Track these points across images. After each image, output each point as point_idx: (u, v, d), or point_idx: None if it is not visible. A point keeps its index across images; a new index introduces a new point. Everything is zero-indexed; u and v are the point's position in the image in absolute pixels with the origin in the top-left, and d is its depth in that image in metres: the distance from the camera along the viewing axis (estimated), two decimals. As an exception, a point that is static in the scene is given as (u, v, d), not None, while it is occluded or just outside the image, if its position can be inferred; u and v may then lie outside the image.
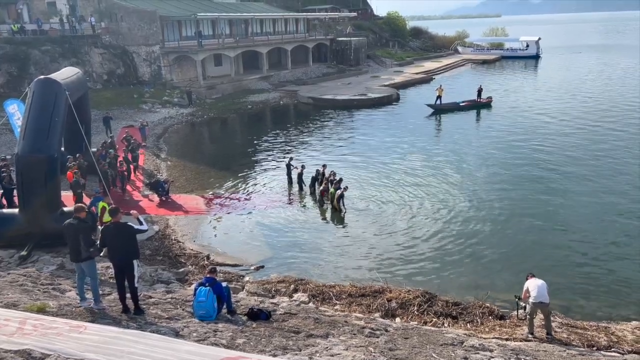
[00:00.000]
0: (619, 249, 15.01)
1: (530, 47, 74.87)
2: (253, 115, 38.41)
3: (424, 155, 25.37)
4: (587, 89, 44.31)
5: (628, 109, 34.91)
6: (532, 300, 9.71)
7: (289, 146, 28.47)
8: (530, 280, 10.07)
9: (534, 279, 10.06)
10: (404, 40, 77.71)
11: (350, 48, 58.59)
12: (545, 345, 9.17)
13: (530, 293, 9.78)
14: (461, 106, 36.83)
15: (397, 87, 47.41)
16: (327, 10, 71.33)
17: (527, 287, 9.94)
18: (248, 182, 22.20)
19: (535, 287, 9.79)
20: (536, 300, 9.65)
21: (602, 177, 21.27)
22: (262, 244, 16.09)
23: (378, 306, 11.22)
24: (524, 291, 9.99)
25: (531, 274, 10.35)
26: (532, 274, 10.34)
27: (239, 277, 13.30)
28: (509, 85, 48.66)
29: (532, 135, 28.74)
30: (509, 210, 18.08)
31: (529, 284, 9.97)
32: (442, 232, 16.43)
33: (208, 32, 45.88)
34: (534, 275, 10.24)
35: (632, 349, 9.49)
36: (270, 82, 47.75)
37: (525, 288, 9.98)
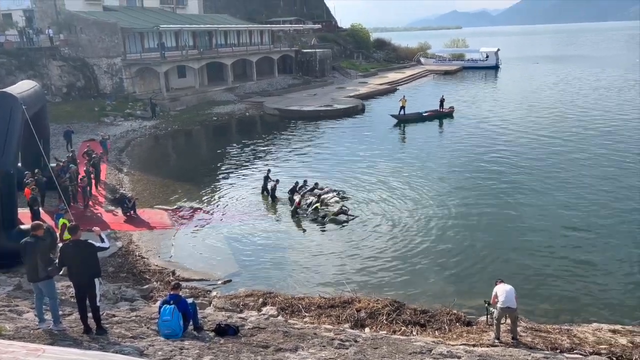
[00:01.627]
0: (578, 254, 15.47)
1: (490, 58, 77.03)
2: (218, 127, 38.09)
3: (390, 166, 25.64)
4: (544, 98, 45.84)
5: (583, 117, 36.25)
6: (500, 305, 9.88)
7: (256, 158, 28.32)
8: (499, 285, 10.25)
9: (503, 284, 10.26)
10: (368, 51, 78.81)
11: (315, 59, 58.98)
12: (511, 350, 9.33)
13: (498, 298, 9.96)
14: (424, 116, 37.49)
15: (362, 98, 47.90)
16: (292, 22, 71.76)
17: (495, 293, 10.11)
18: (215, 195, 21.94)
19: (503, 292, 9.97)
20: (504, 305, 9.82)
21: (561, 185, 21.93)
22: (230, 257, 15.89)
23: (347, 317, 11.20)
24: (492, 296, 10.17)
25: (500, 280, 10.54)
26: (501, 280, 10.54)
27: (205, 292, 13.06)
28: (470, 95, 49.88)
29: (494, 144, 29.46)
30: (473, 218, 18.43)
31: (498, 289, 10.15)
32: (409, 241, 16.60)
33: (171, 44, 45.39)
34: (503, 281, 10.44)
35: (594, 350, 9.76)
36: (235, 93, 47.51)
37: (494, 293, 10.16)
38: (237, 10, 71.59)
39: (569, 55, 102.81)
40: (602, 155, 25.92)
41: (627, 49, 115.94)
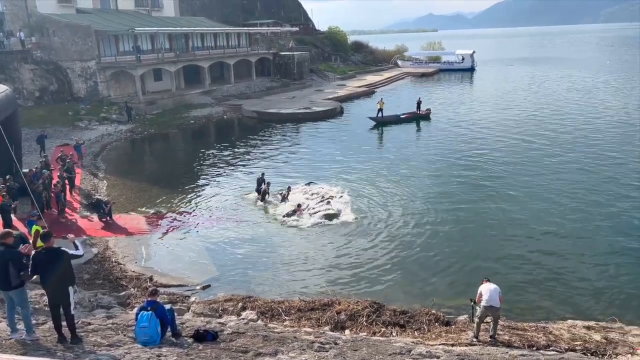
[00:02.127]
0: (552, 254, 15.73)
1: (465, 60, 78.13)
2: (196, 131, 37.77)
3: (368, 167, 25.75)
4: (519, 101, 46.65)
5: (557, 119, 37.00)
6: (483, 304, 10.05)
7: (234, 161, 28.14)
8: (484, 284, 10.41)
9: (488, 283, 10.41)
10: (346, 54, 79.15)
11: (293, 62, 58.96)
12: (489, 349, 9.45)
13: (482, 297, 10.12)
14: (402, 118, 37.81)
15: (340, 100, 48.05)
16: (269, 24, 71.66)
17: (480, 291, 10.28)
18: (193, 200, 21.71)
19: (487, 291, 10.14)
20: (487, 304, 9.99)
21: (535, 187, 22.29)
22: (209, 262, 15.74)
23: (327, 319, 11.20)
24: (477, 295, 10.32)
25: (486, 279, 10.70)
26: (487, 279, 10.70)
27: (184, 297, 12.92)
28: (447, 98, 50.48)
29: (470, 146, 29.83)
30: (450, 219, 18.60)
31: (482, 288, 10.31)
32: (388, 242, 16.68)
33: (147, 47, 44.85)
34: (489, 280, 10.60)
35: (569, 346, 9.96)
36: (212, 96, 47.17)
37: (479, 292, 10.32)
38: (214, 13, 71.16)
39: (542, 57, 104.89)
40: (574, 158, 26.48)
41: (598, 51, 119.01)
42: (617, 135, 30.68)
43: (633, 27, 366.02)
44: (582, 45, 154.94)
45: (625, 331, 10.95)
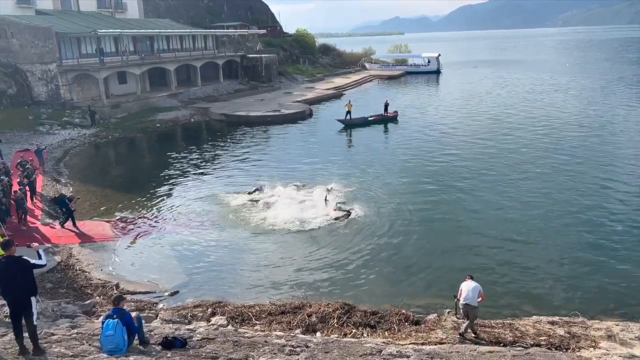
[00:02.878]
0: (517, 252, 16.12)
1: (431, 63, 79.40)
2: (162, 134, 37.16)
3: (337, 169, 25.83)
4: (483, 102, 47.70)
5: (519, 119, 37.98)
6: (461, 302, 10.30)
7: (202, 164, 27.80)
8: (466, 282, 10.62)
9: (470, 281, 10.61)
10: (314, 56, 79.32)
11: (261, 64, 58.73)
12: (457, 346, 9.61)
13: (462, 294, 10.33)
14: (369, 120, 38.14)
15: (309, 102, 48.13)
16: (236, 27, 71.17)
17: (461, 289, 10.51)
18: (160, 204, 21.34)
19: (467, 289, 10.38)
20: (464, 302, 10.26)
21: (501, 183, 22.86)
22: (177, 268, 15.48)
23: (298, 322, 11.18)
24: (459, 292, 10.55)
25: (469, 276, 10.87)
26: (471, 276, 10.87)
27: (152, 304, 12.67)
28: (414, 100, 51.19)
29: (436, 147, 30.31)
30: (418, 219, 18.84)
31: (463, 285, 10.54)
32: (357, 243, 16.76)
33: (110, 49, 43.92)
34: (472, 278, 10.78)
35: (534, 341, 10.23)
36: (179, 99, 46.53)
37: (460, 289, 10.54)
38: (180, 15, 70.25)
39: (504, 60, 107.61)
40: (537, 157, 27.22)
41: (556, 54, 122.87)
42: (577, 135, 31.69)
43: (587, 31, 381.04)
44: (541, 48, 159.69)
45: (587, 325, 11.31)
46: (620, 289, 13.51)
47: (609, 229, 17.42)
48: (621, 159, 26.12)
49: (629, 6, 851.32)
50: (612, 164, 25.14)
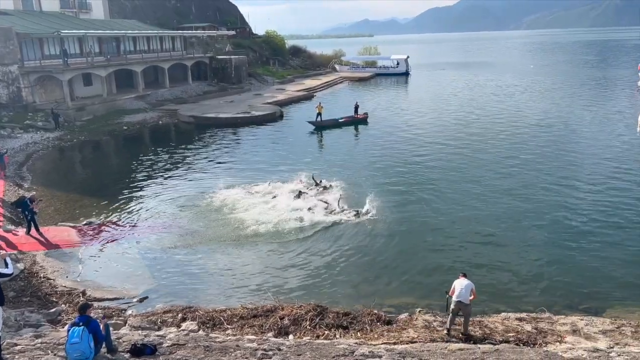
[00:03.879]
0: (485, 250, 16.41)
1: (400, 65, 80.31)
2: (130, 137, 36.45)
3: (309, 170, 25.78)
4: (451, 103, 48.51)
5: (487, 120, 38.76)
6: (454, 299, 10.42)
7: (171, 167, 27.37)
8: (459, 279, 10.74)
9: (463, 278, 10.72)
10: (284, 58, 79.23)
11: (231, 66, 58.29)
12: (428, 345, 9.72)
13: (454, 291, 10.46)
14: (340, 122, 38.29)
15: (280, 104, 48.03)
16: (205, 28, 70.46)
17: (454, 286, 10.63)
18: (128, 208, 20.89)
19: (459, 286, 10.50)
20: (457, 299, 10.38)
21: (468, 181, 23.25)
22: (146, 273, 15.19)
23: (271, 325, 11.11)
24: (451, 289, 10.65)
25: (463, 274, 10.98)
26: (464, 274, 10.98)
27: (120, 311, 12.38)
28: (383, 101, 51.64)
29: (407, 147, 30.66)
30: (388, 218, 18.94)
31: (456, 282, 10.66)
32: (328, 245, 16.79)
33: (75, 51, 42.84)
34: (465, 275, 10.90)
35: (503, 338, 10.44)
36: (147, 101, 45.73)
37: (452, 286, 10.66)
38: (147, 16, 69.10)
39: (471, 62, 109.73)
40: (502, 156, 27.81)
41: (521, 57, 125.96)
42: (541, 135, 32.51)
43: (550, 34, 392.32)
44: (507, 50, 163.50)
45: (553, 320, 11.61)
46: (585, 285, 13.91)
47: (573, 226, 17.91)
48: (583, 158, 26.91)
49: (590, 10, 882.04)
50: (574, 163, 25.88)
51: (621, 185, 22.08)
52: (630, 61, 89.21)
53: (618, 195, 20.79)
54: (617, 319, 11.79)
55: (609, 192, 21.25)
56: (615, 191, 21.36)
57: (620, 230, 17.38)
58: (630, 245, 16.18)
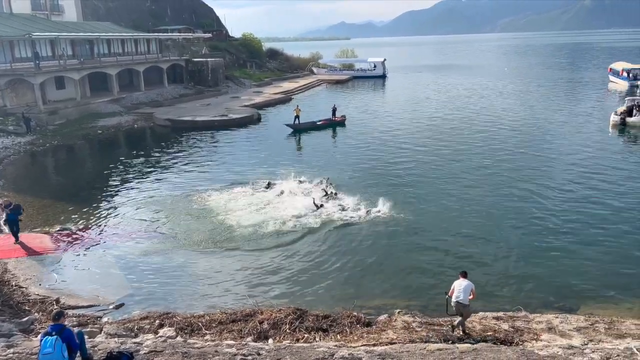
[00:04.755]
0: (462, 250, 16.59)
1: (377, 67, 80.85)
2: (104, 141, 35.84)
3: (287, 173, 25.71)
4: (429, 105, 49.04)
5: (463, 121, 39.28)
6: (453, 299, 10.53)
7: (147, 172, 27.00)
8: (458, 280, 10.81)
9: (462, 279, 10.78)
10: (261, 61, 78.99)
11: (207, 68, 57.85)
12: (408, 346, 9.76)
13: (454, 292, 10.55)
14: (318, 125, 38.33)
15: (257, 107, 47.86)
16: (180, 30, 69.82)
17: (453, 286, 10.71)
18: (103, 214, 20.52)
19: (459, 287, 10.59)
20: (456, 300, 10.49)
21: (444, 181, 23.50)
22: (122, 279, 14.93)
23: (250, 330, 11.03)
24: (451, 289, 10.73)
25: (462, 274, 11.00)
26: (464, 273, 10.98)
27: (95, 319, 12.14)
28: (361, 104, 51.89)
29: (384, 149, 30.86)
30: (365, 220, 18.97)
31: (455, 283, 10.74)
32: (306, 248, 16.76)
33: (47, 53, 41.98)
34: (465, 276, 10.92)
35: (481, 337, 10.55)
36: (122, 104, 45.04)
37: (452, 286, 10.73)
38: (121, 18, 68.12)
39: (447, 64, 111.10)
40: (480, 157, 28.23)
41: (495, 59, 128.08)
42: (518, 135, 33.09)
43: (524, 37, 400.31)
44: (482, 53, 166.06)
45: (529, 319, 11.79)
46: (559, 283, 14.17)
47: (548, 225, 18.23)
48: (556, 158, 27.47)
49: (562, 14, 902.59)
50: (548, 164, 26.37)
51: (595, 184, 22.60)
52: (600, 64, 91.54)
53: (592, 194, 21.29)
54: (591, 315, 12.05)
55: (583, 191, 21.74)
56: (589, 190, 21.86)
57: (593, 228, 17.78)
58: (603, 243, 16.56)
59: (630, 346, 9.53)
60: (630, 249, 16.09)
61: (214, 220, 19.12)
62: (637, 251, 15.91)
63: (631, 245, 16.35)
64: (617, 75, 61.17)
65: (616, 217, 18.68)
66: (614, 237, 16.95)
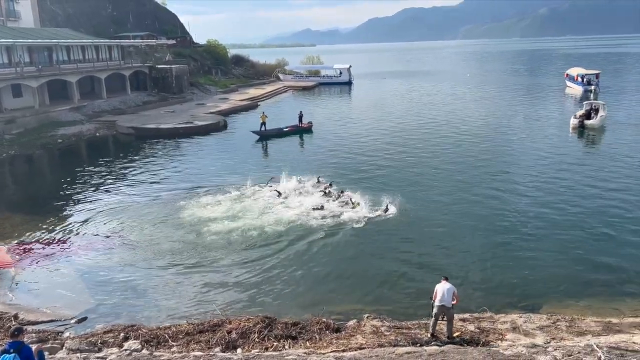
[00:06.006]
0: (425, 253, 16.82)
1: (343, 74, 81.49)
2: (65, 150, 34.83)
3: (254, 180, 25.56)
4: (394, 110, 49.68)
5: (429, 124, 39.94)
6: (436, 303, 10.57)
7: (110, 181, 26.34)
8: (441, 283, 10.87)
9: (445, 282, 10.87)
10: (227, 67, 78.46)
11: (171, 75, 57.07)
12: (377, 350, 9.81)
13: (437, 296, 10.59)
14: (285, 131, 38.30)
15: (223, 114, 47.47)
16: (143, 37, 68.66)
17: (435, 290, 10.75)
18: (64, 225, 19.88)
19: (441, 290, 10.64)
20: (439, 303, 10.53)
21: (410, 184, 23.79)
22: (84, 292, 14.50)
23: (218, 340, 10.86)
24: (433, 293, 10.77)
25: (444, 277, 11.12)
26: (446, 278, 11.12)
27: (56, 334, 11.73)
28: (327, 110, 52.16)
29: (350, 154, 31.04)
30: (331, 226, 18.96)
31: (438, 286, 10.79)
32: (272, 255, 16.63)
33: (2, 60, 40.55)
34: (447, 279, 11.05)
35: (448, 339, 10.69)
36: (83, 112, 43.88)
37: (434, 290, 10.78)
38: (81, 24, 66.46)
39: (411, 71, 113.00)
40: (444, 160, 28.74)
41: (457, 65, 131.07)
42: (481, 139, 33.84)
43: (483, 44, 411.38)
44: (444, 59, 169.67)
45: (494, 319, 12.04)
46: (523, 283, 14.53)
47: (510, 226, 18.68)
48: (519, 160, 28.27)
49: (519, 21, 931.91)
50: (510, 167, 27.07)
51: (557, 187, 23.24)
52: (556, 70, 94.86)
53: (554, 196, 21.88)
54: (553, 314, 12.39)
55: (546, 193, 22.35)
56: (551, 192, 22.49)
57: (555, 229, 18.31)
58: (564, 244, 17.06)
59: (590, 343, 9.84)
60: (589, 249, 16.63)
61: (179, 230, 18.81)
62: (596, 251, 16.46)
63: (590, 245, 16.92)
64: (572, 80, 63.55)
65: (576, 218, 19.28)
66: (575, 238, 17.48)
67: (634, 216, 19.24)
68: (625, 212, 19.63)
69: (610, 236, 17.54)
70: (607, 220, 18.82)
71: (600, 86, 56.72)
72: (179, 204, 21.60)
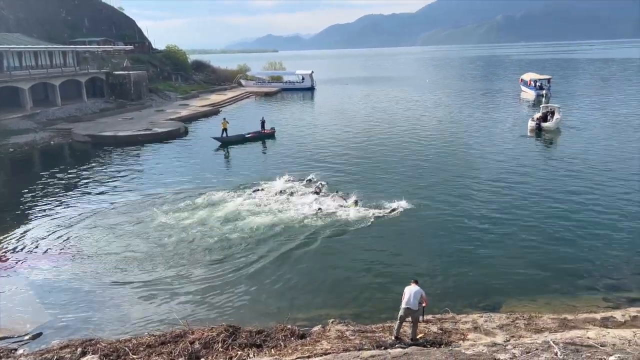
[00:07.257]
0: (385, 256, 17.00)
1: (305, 80, 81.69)
2: (17, 160, 33.49)
3: (214, 187, 25.26)
4: (357, 116, 50.14)
5: (392, 129, 40.48)
6: (402, 305, 10.66)
7: (66, 191, 25.48)
8: (409, 286, 10.95)
9: (413, 285, 10.95)
10: (187, 73, 77.40)
11: (129, 82, 55.84)
12: (342, 355, 9.81)
13: (403, 298, 10.68)
14: (247, 137, 38.04)
15: (184, 120, 46.80)
16: (99, 42, 66.98)
17: (404, 292, 10.83)
18: (15, 237, 19.09)
19: (408, 293, 10.73)
20: (405, 306, 10.63)
21: (373, 189, 23.99)
22: (39, 306, 13.94)
23: (180, 351, 10.62)
24: (402, 295, 10.83)
25: (414, 280, 11.20)
26: (415, 281, 11.21)
27: (9, 351, 11.22)
28: (290, 116, 52.15)
29: (312, 161, 31.07)
30: (293, 232, 18.91)
31: (406, 289, 10.87)
32: (233, 262, 16.47)
33: (-52, 66, 38.78)
34: (417, 282, 11.12)
35: (412, 341, 10.81)
36: (36, 120, 42.36)
37: (403, 293, 10.85)
38: (33, 29, 64.08)
39: (372, 77, 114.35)
40: (404, 165, 29.14)
41: (417, 71, 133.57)
42: (440, 143, 34.51)
43: (442, 50, 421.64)
44: (403, 65, 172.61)
45: (457, 320, 12.26)
46: (483, 283, 14.87)
47: (469, 227, 19.10)
48: (478, 162, 28.95)
49: (477, 28, 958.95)
50: (470, 170, 27.65)
51: (515, 187, 23.90)
52: (511, 75, 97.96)
53: (514, 197, 22.50)
54: (512, 313, 12.72)
55: (505, 194, 22.96)
56: (510, 193, 23.11)
57: (512, 228, 18.84)
58: (522, 243, 17.57)
59: (548, 339, 10.14)
60: (545, 249, 17.16)
61: (138, 240, 18.37)
62: (551, 251, 17.01)
63: (546, 245, 17.44)
64: (526, 85, 65.77)
65: (533, 219, 19.83)
66: (531, 238, 17.99)
67: (587, 217, 19.99)
68: (579, 213, 20.36)
69: (564, 236, 18.15)
70: (562, 222, 19.45)
71: (551, 90, 58.90)
72: (139, 213, 21.13)
